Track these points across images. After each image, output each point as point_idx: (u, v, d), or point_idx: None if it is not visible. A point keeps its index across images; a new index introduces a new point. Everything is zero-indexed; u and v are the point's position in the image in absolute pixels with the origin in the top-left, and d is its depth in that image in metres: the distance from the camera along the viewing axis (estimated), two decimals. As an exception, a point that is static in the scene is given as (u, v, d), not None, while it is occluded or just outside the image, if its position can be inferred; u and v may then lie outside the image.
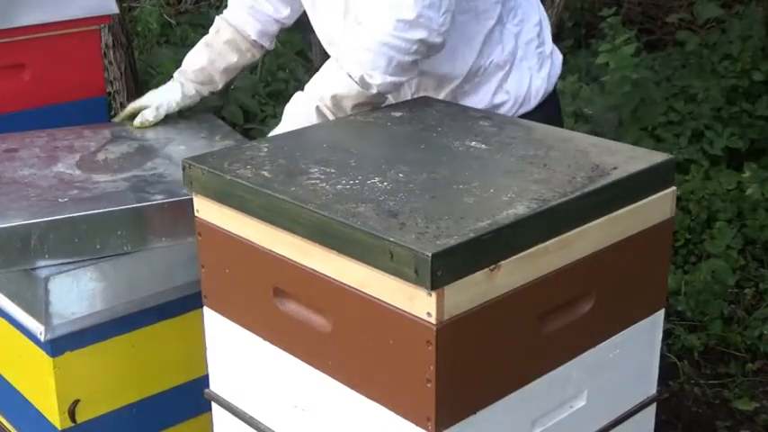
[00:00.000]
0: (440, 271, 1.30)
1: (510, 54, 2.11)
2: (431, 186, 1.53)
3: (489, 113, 1.97)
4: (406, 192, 1.50)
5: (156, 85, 4.67)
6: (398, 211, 1.43)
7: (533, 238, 1.43)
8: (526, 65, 2.14)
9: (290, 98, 2.05)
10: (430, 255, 1.29)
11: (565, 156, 1.65)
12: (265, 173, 1.59)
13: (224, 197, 1.60)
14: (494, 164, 1.64)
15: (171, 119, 2.54)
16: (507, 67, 2.11)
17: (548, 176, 1.56)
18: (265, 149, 1.70)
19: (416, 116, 1.89)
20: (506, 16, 2.11)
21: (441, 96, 2.09)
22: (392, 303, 1.36)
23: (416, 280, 1.31)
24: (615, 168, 1.58)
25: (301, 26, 3.76)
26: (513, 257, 1.40)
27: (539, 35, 2.17)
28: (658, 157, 1.64)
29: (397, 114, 1.90)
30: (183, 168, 1.66)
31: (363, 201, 1.47)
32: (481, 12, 2.07)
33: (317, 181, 1.55)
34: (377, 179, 1.55)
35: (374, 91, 1.92)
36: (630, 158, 1.63)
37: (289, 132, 1.86)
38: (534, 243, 1.43)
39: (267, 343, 1.60)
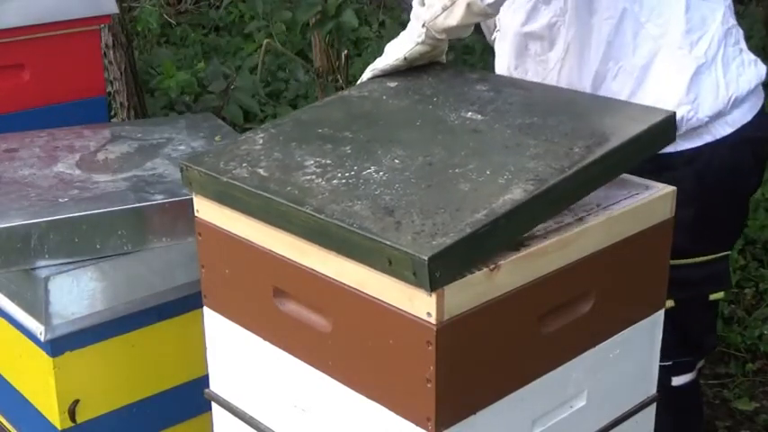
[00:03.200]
0: (438, 272, 1.29)
1: (645, 57, 1.90)
2: (426, 173, 1.51)
3: (486, 75, 1.91)
4: (402, 182, 1.49)
5: (156, 85, 4.67)
6: (394, 206, 1.42)
7: (532, 222, 1.43)
8: (665, 69, 1.90)
9: (289, 98, 2.05)
10: (426, 258, 1.28)
11: (562, 122, 1.62)
12: (261, 171, 1.57)
13: (222, 198, 1.59)
14: (490, 138, 1.61)
15: (171, 119, 2.54)
16: (639, 72, 1.90)
17: (545, 150, 1.53)
18: (261, 141, 1.68)
19: (411, 85, 1.84)
20: (644, 15, 1.89)
21: None
22: (392, 303, 1.36)
23: (415, 282, 1.31)
24: (614, 133, 1.54)
25: (301, 26, 3.76)
26: (513, 257, 1.40)
27: (687, 36, 1.89)
28: (658, 114, 1.60)
29: (392, 85, 1.86)
30: (181, 170, 1.66)
31: (359, 197, 1.45)
32: (600, 9, 1.89)
33: (313, 176, 1.53)
34: (372, 169, 1.53)
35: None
36: (630, 119, 1.59)
37: (284, 118, 1.82)
38: (533, 226, 1.43)
39: (267, 343, 1.60)
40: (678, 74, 1.88)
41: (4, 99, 2.67)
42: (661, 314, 1.70)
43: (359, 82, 1.95)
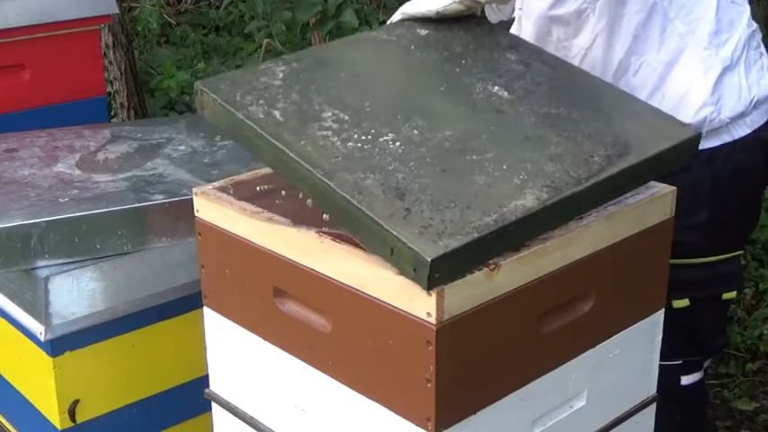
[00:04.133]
0: (438, 273, 1.28)
1: (670, 54, 1.89)
2: (443, 154, 1.46)
3: (516, 41, 1.82)
4: (418, 159, 1.44)
5: (156, 85, 4.66)
6: (406, 189, 1.38)
7: (540, 230, 1.41)
8: (690, 68, 1.90)
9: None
10: (429, 260, 1.27)
11: (586, 119, 1.57)
12: (277, 114, 1.51)
13: (233, 133, 1.54)
14: (513, 123, 1.55)
15: (171, 119, 2.54)
16: (663, 69, 1.89)
17: (565, 150, 1.49)
18: (281, 75, 1.61)
19: (442, 38, 1.75)
20: (673, 11, 1.89)
21: None
22: (392, 303, 1.36)
23: (414, 277, 1.30)
24: (637, 145, 1.51)
25: (301, 26, 3.76)
26: (514, 257, 1.40)
27: (715, 37, 1.90)
28: (683, 132, 1.57)
29: (422, 33, 1.76)
30: (196, 93, 1.59)
31: (373, 169, 1.41)
32: (631, 1, 1.88)
33: (329, 133, 1.47)
34: (390, 136, 1.48)
35: None
36: (655, 131, 1.56)
37: (308, 52, 1.73)
38: (540, 234, 1.41)
39: (267, 343, 1.60)
40: (703, 74, 1.88)
41: (4, 99, 2.67)
42: (661, 314, 1.70)
43: (389, 22, 1.88)
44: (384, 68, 1.68)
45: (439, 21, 1.81)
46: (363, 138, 1.47)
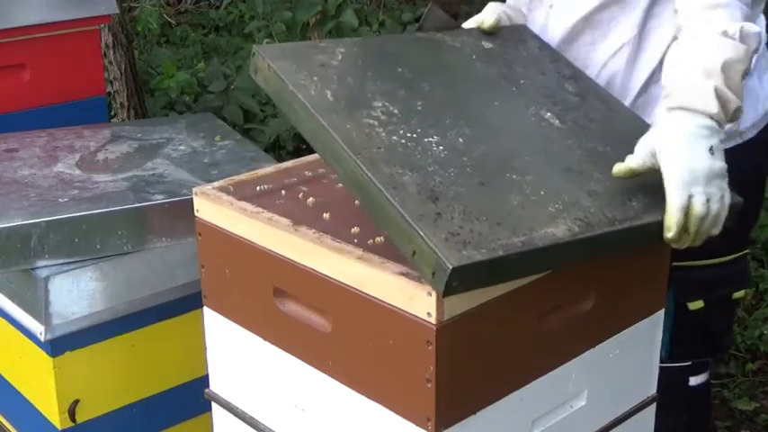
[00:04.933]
0: (456, 282, 1.27)
1: None
2: (485, 166, 1.45)
3: (579, 73, 1.78)
4: (458, 167, 1.43)
5: (156, 85, 4.66)
6: (441, 193, 1.37)
7: (563, 260, 1.39)
8: None
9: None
10: (450, 267, 1.25)
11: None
12: (329, 93, 1.49)
13: (280, 100, 1.53)
14: (558, 152, 1.54)
15: (171, 119, 2.55)
16: None
17: (604, 189, 1.48)
18: (339, 57, 1.59)
19: (505, 53, 1.74)
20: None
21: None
22: (392, 303, 1.36)
23: (431, 281, 1.29)
24: None
25: (301, 26, 3.76)
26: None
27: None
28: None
29: (487, 46, 1.75)
30: (253, 54, 1.57)
31: (412, 166, 1.40)
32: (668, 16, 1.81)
33: (376, 123, 1.46)
34: (435, 139, 1.47)
35: (754, 45, 1.54)
36: None
37: (370, 40, 1.71)
38: (562, 263, 1.40)
39: (267, 343, 1.60)
40: None
41: (4, 99, 2.67)
42: (661, 314, 1.70)
43: (463, 25, 1.83)
44: (443, 72, 1.67)
45: (505, 38, 1.78)
46: (408, 135, 1.46)
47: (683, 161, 1.42)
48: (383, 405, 1.42)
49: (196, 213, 1.68)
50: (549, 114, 1.62)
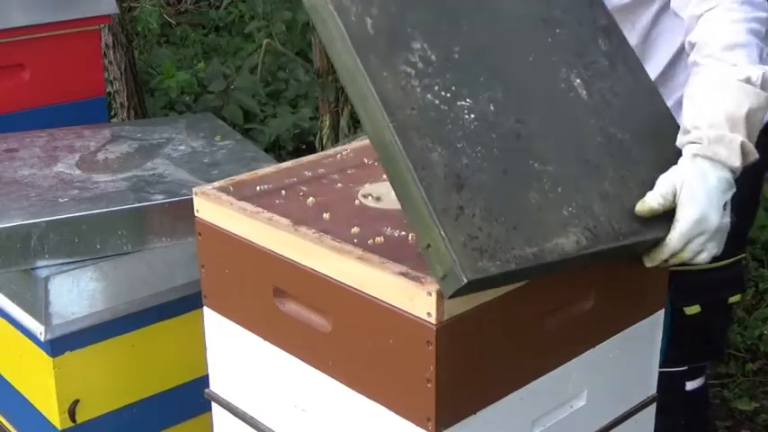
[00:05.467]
0: (466, 289, 1.27)
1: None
2: (510, 148, 1.41)
3: (612, 25, 1.69)
4: (485, 146, 1.39)
5: (156, 85, 4.65)
6: (466, 181, 1.33)
7: (564, 270, 1.40)
8: None
9: (289, 98, 2.02)
10: (467, 280, 1.25)
11: (646, 162, 1.53)
12: (369, 22, 1.39)
13: (317, 19, 1.43)
14: (580, 136, 1.50)
15: (171, 119, 2.55)
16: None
17: (616, 191, 1.47)
18: None
19: None
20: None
21: None
22: (392, 303, 1.36)
23: (440, 282, 1.28)
24: None
25: (301, 26, 3.75)
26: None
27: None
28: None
29: None
30: None
31: (442, 140, 1.35)
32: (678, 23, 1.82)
33: (413, 72, 1.39)
34: (467, 102, 1.41)
35: None
36: None
37: None
38: (562, 272, 1.40)
39: (267, 343, 1.60)
40: None
41: (4, 99, 2.67)
42: (661, 314, 1.70)
43: None
44: (483, 10, 1.57)
45: None
46: (443, 94, 1.41)
47: (696, 213, 1.45)
48: (383, 405, 1.42)
49: (196, 213, 1.68)
50: (578, 81, 1.57)
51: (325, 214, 1.59)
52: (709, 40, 1.60)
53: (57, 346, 2.00)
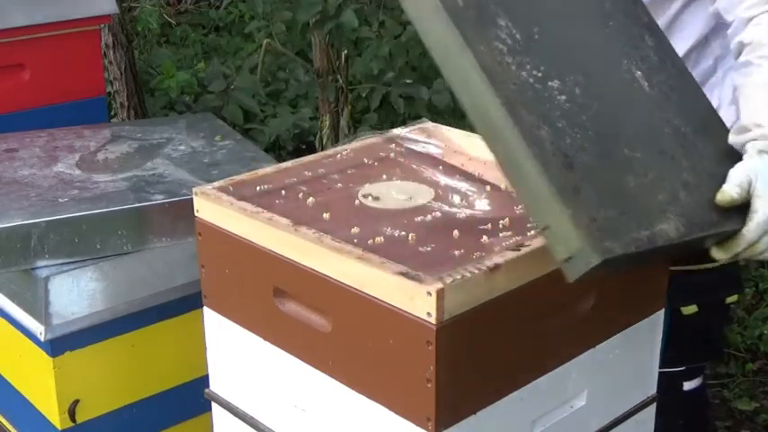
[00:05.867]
0: (592, 272, 1.23)
1: (701, 75, 1.90)
2: (601, 131, 1.37)
3: (652, 22, 1.67)
4: (580, 128, 1.34)
5: (156, 85, 4.65)
6: (573, 160, 1.28)
7: (660, 260, 1.37)
8: (717, 93, 1.93)
9: (289, 98, 2.02)
10: (598, 262, 1.20)
11: (708, 156, 1.51)
12: None
13: (409, 3, 1.36)
14: (653, 127, 1.48)
15: (171, 119, 2.55)
16: None
17: (694, 182, 1.44)
18: None
19: None
20: (713, 35, 1.92)
21: None
22: (392, 303, 1.36)
23: (564, 264, 1.24)
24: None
25: (301, 26, 3.76)
26: (513, 257, 1.39)
27: None
28: None
29: None
30: None
31: (544, 118, 1.29)
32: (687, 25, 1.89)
33: (505, 49, 1.33)
34: (556, 84, 1.37)
35: None
36: None
37: None
38: (655, 262, 1.37)
39: (267, 343, 1.60)
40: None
41: (4, 99, 2.68)
42: (661, 314, 1.70)
43: None
44: None
45: None
46: (534, 73, 1.35)
47: None
48: (383, 405, 1.42)
49: (196, 213, 1.68)
50: (639, 73, 1.54)
51: (325, 214, 1.59)
52: (764, 41, 1.63)
53: (57, 346, 2.00)
